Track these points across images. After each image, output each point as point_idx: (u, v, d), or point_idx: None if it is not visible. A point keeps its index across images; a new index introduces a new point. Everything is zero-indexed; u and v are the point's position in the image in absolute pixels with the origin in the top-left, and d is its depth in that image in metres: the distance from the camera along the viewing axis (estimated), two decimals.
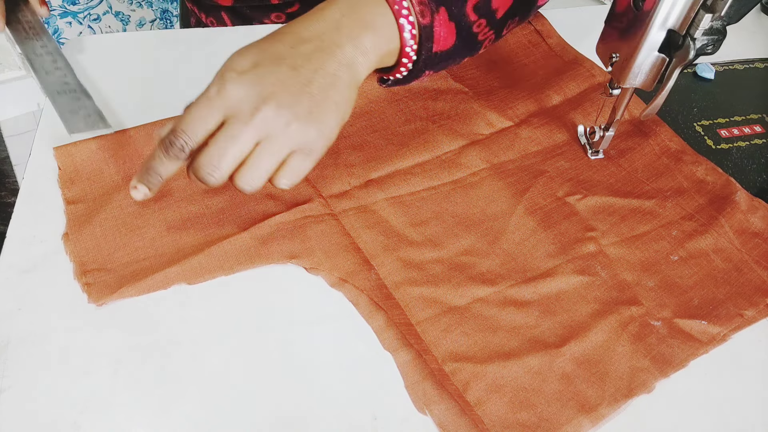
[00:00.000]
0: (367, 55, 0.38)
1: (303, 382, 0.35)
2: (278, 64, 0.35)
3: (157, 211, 0.42)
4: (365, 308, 0.39)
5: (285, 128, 0.34)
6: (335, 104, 0.36)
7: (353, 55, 0.37)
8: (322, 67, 0.36)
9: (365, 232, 0.42)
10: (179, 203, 0.43)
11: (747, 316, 0.40)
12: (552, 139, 0.51)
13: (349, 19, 0.37)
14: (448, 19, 0.40)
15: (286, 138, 0.35)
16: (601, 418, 0.35)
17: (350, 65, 0.37)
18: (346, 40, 0.37)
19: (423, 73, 0.42)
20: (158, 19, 0.90)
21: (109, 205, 0.42)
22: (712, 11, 0.37)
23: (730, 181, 0.48)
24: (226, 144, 0.34)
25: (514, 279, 0.41)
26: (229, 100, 0.34)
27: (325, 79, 0.36)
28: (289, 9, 0.67)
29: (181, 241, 0.41)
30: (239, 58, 0.35)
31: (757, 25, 0.70)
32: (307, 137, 0.35)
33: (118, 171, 0.44)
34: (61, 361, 0.35)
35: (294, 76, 0.35)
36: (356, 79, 0.37)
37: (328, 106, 0.36)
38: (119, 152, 0.45)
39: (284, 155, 0.35)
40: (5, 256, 0.39)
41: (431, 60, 0.41)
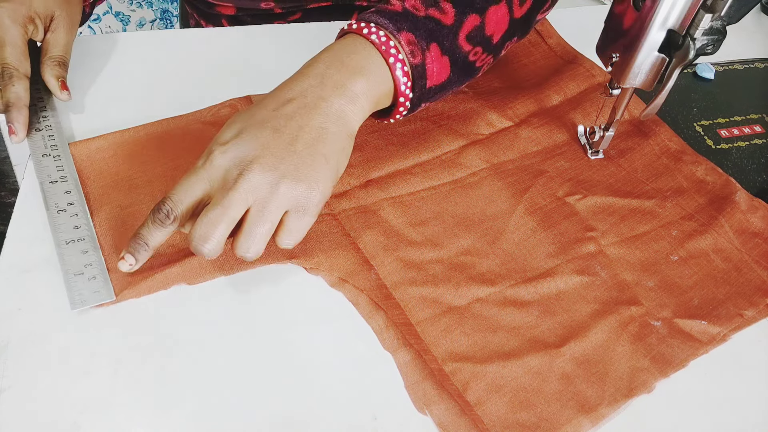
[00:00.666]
0: (357, 102, 0.37)
1: (303, 382, 0.35)
2: (261, 129, 0.35)
3: None
4: (365, 308, 0.39)
5: (273, 190, 0.34)
6: (324, 157, 0.36)
7: (341, 105, 0.37)
8: (306, 123, 0.36)
9: (365, 232, 0.43)
10: None
11: (747, 316, 0.40)
12: (552, 139, 0.51)
13: (334, 70, 0.37)
14: (441, 54, 0.40)
15: (275, 199, 0.34)
16: (601, 418, 0.35)
17: (339, 116, 0.37)
18: (331, 91, 0.37)
19: (419, 107, 0.42)
20: (158, 20, 0.90)
21: (108, 205, 0.42)
22: (712, 11, 0.37)
23: (730, 181, 0.48)
24: (215, 213, 0.34)
25: (513, 279, 0.41)
26: (214, 170, 0.35)
27: (310, 135, 0.36)
28: (291, 17, 0.67)
29: (180, 242, 0.41)
30: (225, 130, 0.36)
31: (757, 25, 0.70)
32: (297, 195, 0.35)
33: (118, 171, 0.44)
34: (61, 361, 0.35)
35: (276, 137, 0.35)
36: (348, 128, 0.37)
37: (316, 160, 0.35)
38: (118, 152, 0.45)
39: (278, 217, 0.35)
40: (5, 256, 0.39)
41: (427, 94, 0.41)
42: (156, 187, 0.44)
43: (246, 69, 0.55)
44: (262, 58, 0.56)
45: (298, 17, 0.67)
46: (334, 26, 0.60)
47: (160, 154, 0.46)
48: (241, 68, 0.55)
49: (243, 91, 0.51)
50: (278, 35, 0.59)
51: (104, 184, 0.43)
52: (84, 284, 0.37)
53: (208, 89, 0.51)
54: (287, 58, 0.56)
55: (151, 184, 0.44)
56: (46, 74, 0.46)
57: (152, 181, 0.44)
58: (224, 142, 0.35)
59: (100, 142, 0.46)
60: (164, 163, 0.45)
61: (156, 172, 0.45)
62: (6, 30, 0.43)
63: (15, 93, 0.42)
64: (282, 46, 0.58)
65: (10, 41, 0.43)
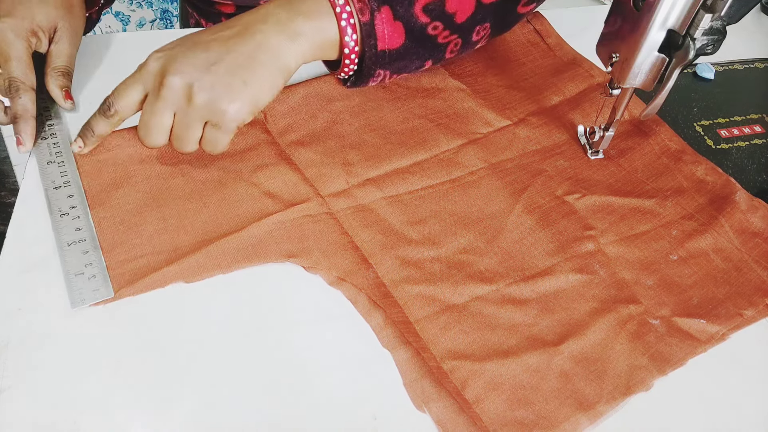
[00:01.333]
0: (296, 40, 0.40)
1: (303, 381, 0.35)
2: (193, 47, 0.39)
3: (154, 210, 0.42)
4: (363, 306, 0.39)
5: (188, 101, 0.38)
6: (243, 82, 0.38)
7: (279, 41, 0.39)
8: (235, 49, 0.39)
9: (363, 231, 0.43)
10: (176, 201, 0.43)
11: (746, 316, 0.40)
12: (551, 138, 0.51)
13: (281, 10, 0.40)
14: (393, 18, 0.41)
15: (192, 110, 0.38)
16: (599, 416, 0.35)
17: (274, 50, 0.39)
18: (273, 26, 0.39)
19: (376, 72, 0.43)
20: (158, 20, 0.90)
21: (106, 204, 0.42)
22: (712, 11, 0.37)
23: (730, 181, 0.48)
24: (146, 114, 0.39)
25: (512, 277, 0.41)
26: (145, 73, 0.39)
27: (236, 60, 0.38)
28: None
29: (178, 240, 0.41)
30: (168, 44, 0.40)
31: (757, 25, 0.70)
32: (211, 111, 0.38)
33: (116, 170, 0.44)
34: (61, 361, 0.35)
35: (202, 57, 0.38)
36: (281, 63, 0.40)
37: (233, 83, 0.38)
38: (116, 152, 0.46)
39: (198, 126, 0.39)
40: (5, 256, 0.39)
41: (380, 58, 0.42)
42: (155, 184, 0.44)
43: None
44: None
45: None
46: None
47: (159, 153, 0.46)
48: None
49: None
50: None
51: (101, 182, 0.43)
52: (84, 283, 0.38)
53: None
54: None
55: (149, 181, 0.44)
56: (51, 84, 0.47)
57: (150, 178, 0.44)
58: (160, 51, 0.40)
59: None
60: (164, 162, 0.45)
61: (155, 171, 0.45)
62: (10, 45, 0.44)
63: (22, 105, 0.43)
64: None
65: (15, 55, 0.44)
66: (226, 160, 0.46)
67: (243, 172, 0.45)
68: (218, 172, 0.45)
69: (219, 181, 0.45)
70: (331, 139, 0.49)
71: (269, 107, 0.50)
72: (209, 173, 0.45)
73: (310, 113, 0.50)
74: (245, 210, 0.43)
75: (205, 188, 0.44)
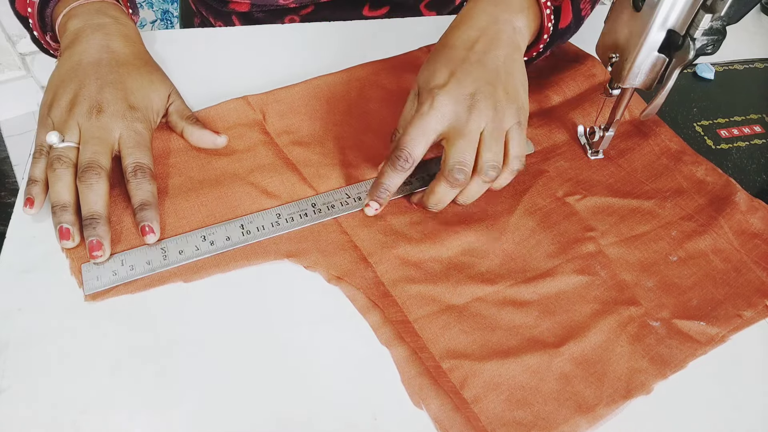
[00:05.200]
0: (521, 33, 0.44)
1: (303, 381, 0.35)
2: (468, 65, 0.42)
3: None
4: (362, 305, 0.39)
5: (495, 112, 0.41)
6: (520, 82, 0.43)
7: (514, 37, 0.44)
8: (499, 54, 0.42)
9: (363, 230, 0.43)
10: (174, 200, 0.43)
11: (746, 317, 0.40)
12: (552, 139, 0.51)
13: (499, 9, 0.44)
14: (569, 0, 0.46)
15: (498, 118, 0.41)
16: (599, 419, 0.35)
17: (516, 46, 0.43)
18: (504, 25, 0.43)
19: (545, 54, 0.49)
20: (159, 20, 0.90)
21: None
22: (712, 11, 0.37)
23: (730, 181, 0.48)
24: (463, 143, 0.40)
25: (513, 279, 0.41)
26: (443, 108, 0.40)
27: (505, 64, 0.42)
28: (304, 11, 0.67)
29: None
30: (435, 75, 0.42)
31: (757, 25, 0.70)
32: (512, 113, 0.41)
33: (116, 169, 0.44)
34: (61, 361, 0.35)
35: (484, 70, 0.41)
36: (522, 55, 0.44)
37: (515, 83, 0.42)
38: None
39: (503, 136, 0.41)
40: (5, 256, 0.39)
41: (556, 36, 0.47)
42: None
43: (245, 69, 0.55)
44: (261, 59, 0.56)
45: (311, 11, 0.67)
46: (333, 27, 0.60)
47: (156, 153, 0.46)
48: (240, 68, 0.55)
49: (242, 91, 0.51)
50: (277, 36, 0.59)
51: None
52: (98, 270, 0.38)
53: (208, 89, 0.51)
54: (286, 58, 0.56)
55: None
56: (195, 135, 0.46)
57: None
58: (442, 84, 0.41)
59: None
60: (161, 162, 0.45)
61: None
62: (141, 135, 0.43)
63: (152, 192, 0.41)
64: (281, 47, 0.58)
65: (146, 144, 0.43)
66: (224, 160, 0.46)
67: (241, 171, 0.45)
68: (216, 172, 0.45)
69: (217, 180, 0.45)
70: (329, 140, 0.49)
71: (268, 107, 0.50)
72: (207, 173, 0.45)
73: (308, 114, 0.50)
74: (243, 209, 0.43)
75: (203, 187, 0.44)
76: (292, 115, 0.50)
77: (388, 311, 0.38)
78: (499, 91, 0.41)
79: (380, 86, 0.53)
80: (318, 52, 0.57)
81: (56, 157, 0.40)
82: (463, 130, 0.40)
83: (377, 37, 0.60)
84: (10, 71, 1.55)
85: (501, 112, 0.41)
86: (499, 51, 0.42)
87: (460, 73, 0.41)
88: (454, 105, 0.40)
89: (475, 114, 0.40)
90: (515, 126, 0.41)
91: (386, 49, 0.57)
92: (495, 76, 0.41)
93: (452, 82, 0.41)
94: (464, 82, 0.41)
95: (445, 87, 0.40)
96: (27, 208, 0.40)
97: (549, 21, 0.46)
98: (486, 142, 0.40)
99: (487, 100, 0.40)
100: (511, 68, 0.42)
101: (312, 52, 0.57)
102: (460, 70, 0.41)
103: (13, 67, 1.55)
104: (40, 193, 0.41)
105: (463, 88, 0.40)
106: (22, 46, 1.51)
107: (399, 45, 0.57)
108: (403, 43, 0.58)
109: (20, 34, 1.49)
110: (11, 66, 1.55)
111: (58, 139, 0.40)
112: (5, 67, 1.54)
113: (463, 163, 0.40)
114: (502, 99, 0.41)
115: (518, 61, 0.43)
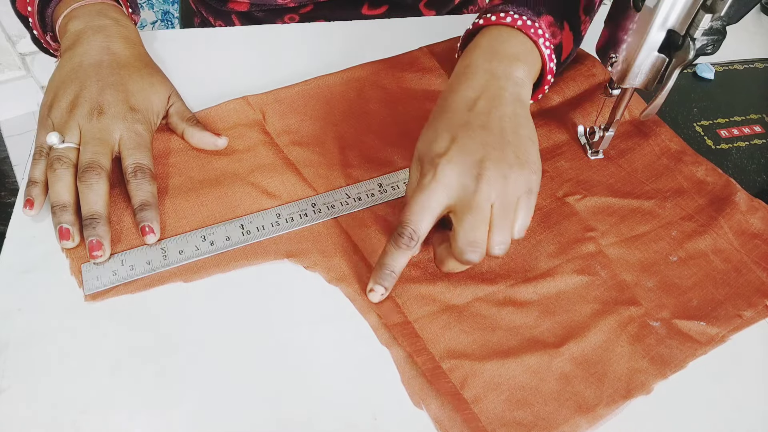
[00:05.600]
0: (524, 86, 0.41)
1: (303, 381, 0.35)
2: (471, 130, 0.37)
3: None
4: (362, 305, 0.39)
5: (506, 181, 0.36)
6: (529, 139, 0.38)
7: (516, 91, 0.40)
8: (503, 113, 0.38)
9: (363, 230, 0.43)
10: (174, 200, 0.43)
11: (746, 317, 0.40)
12: (552, 139, 0.51)
13: (496, 63, 0.41)
14: (569, 30, 0.45)
15: (509, 189, 0.36)
16: (599, 419, 0.35)
17: (519, 100, 0.40)
18: (504, 81, 0.40)
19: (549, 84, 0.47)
20: (159, 21, 0.90)
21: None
22: (712, 11, 0.37)
23: (730, 182, 0.48)
24: (472, 219, 0.36)
25: (513, 279, 0.41)
26: (447, 180, 0.36)
27: (510, 123, 0.38)
28: (303, 10, 0.67)
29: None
30: (436, 142, 0.37)
31: (757, 25, 0.70)
32: (524, 179, 0.37)
33: (116, 169, 0.44)
34: (61, 361, 0.35)
35: (490, 134, 0.37)
36: (527, 108, 0.40)
37: (525, 143, 0.38)
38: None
39: (514, 210, 0.37)
40: (5, 256, 0.39)
41: (560, 69, 0.46)
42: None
43: (245, 69, 0.55)
44: (261, 59, 0.56)
45: (310, 9, 0.67)
46: (333, 27, 0.60)
47: (155, 153, 0.46)
48: (240, 68, 0.55)
49: (242, 91, 0.51)
50: (277, 36, 0.59)
51: None
52: (98, 270, 0.38)
53: (208, 89, 0.51)
54: (286, 58, 0.56)
55: None
56: (195, 137, 0.46)
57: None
58: (443, 152, 0.37)
59: None
60: (161, 162, 0.45)
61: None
62: (141, 136, 0.43)
63: (151, 193, 0.41)
64: (281, 47, 0.58)
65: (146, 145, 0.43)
66: (224, 160, 0.46)
67: (241, 171, 0.45)
68: (216, 172, 0.45)
69: (217, 180, 0.45)
70: (329, 140, 0.49)
71: (268, 108, 0.50)
72: (207, 173, 0.45)
73: (308, 114, 0.50)
74: (243, 209, 0.43)
75: (203, 187, 0.44)
76: (292, 115, 0.50)
77: (388, 311, 0.38)
78: (509, 156, 0.37)
79: (380, 86, 0.53)
80: (318, 52, 0.57)
81: (56, 158, 0.40)
82: (472, 204, 0.36)
83: (377, 37, 0.60)
84: (10, 71, 1.55)
85: (511, 181, 0.36)
86: (502, 109, 0.38)
87: (463, 138, 0.37)
88: (459, 176, 0.36)
89: (485, 185, 0.35)
90: (524, 195, 0.37)
91: (386, 49, 0.57)
92: (502, 138, 0.37)
93: (455, 149, 0.37)
94: (469, 148, 0.36)
95: (448, 155, 0.36)
96: (26, 210, 0.40)
97: (551, 61, 0.43)
98: (496, 221, 0.36)
99: (497, 168, 0.36)
100: (517, 126, 0.38)
101: (312, 52, 0.57)
102: (462, 136, 0.37)
103: (13, 67, 1.55)
104: (40, 194, 0.41)
105: (469, 155, 0.36)
106: (22, 46, 1.51)
107: (399, 45, 0.57)
108: (403, 44, 0.58)
109: (20, 34, 1.49)
110: (11, 66, 1.55)
111: (59, 139, 0.40)
112: (5, 67, 1.54)
113: (476, 243, 0.36)
114: (513, 164, 0.36)
115: (524, 116, 0.39)
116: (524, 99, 0.40)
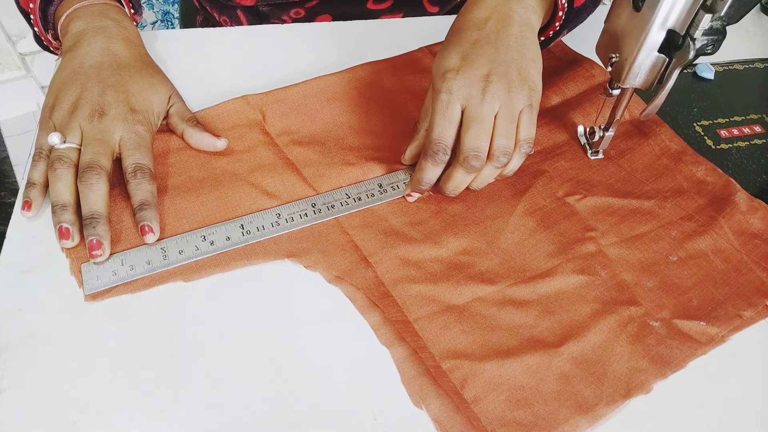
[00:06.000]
0: (534, 10, 0.44)
1: (303, 381, 0.35)
2: (480, 47, 0.41)
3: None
4: (362, 305, 0.39)
5: (508, 94, 0.40)
6: (532, 60, 0.42)
7: (526, 15, 0.43)
8: (510, 33, 0.42)
9: (363, 230, 0.43)
10: (173, 200, 0.43)
11: (746, 317, 0.40)
12: (552, 139, 0.51)
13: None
14: None
15: (511, 102, 0.40)
16: (599, 419, 0.35)
17: (528, 23, 0.43)
18: (516, 4, 0.43)
19: (563, 33, 0.49)
20: (159, 21, 0.90)
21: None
22: (712, 11, 0.37)
23: (730, 182, 0.48)
24: (477, 129, 0.40)
25: (513, 279, 0.41)
26: (458, 91, 0.40)
27: (517, 42, 0.42)
28: (309, 4, 0.67)
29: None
30: (447, 60, 0.42)
31: (757, 25, 0.70)
32: (525, 93, 0.41)
33: (116, 169, 0.44)
34: (61, 361, 0.35)
35: (496, 50, 0.41)
36: (535, 33, 0.44)
37: (527, 63, 0.42)
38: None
39: (516, 120, 0.41)
40: (5, 256, 0.39)
41: (572, 15, 0.47)
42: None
43: (245, 69, 0.55)
44: (261, 59, 0.56)
45: (316, 3, 0.67)
46: (333, 27, 0.60)
47: (156, 153, 0.46)
48: (240, 68, 0.55)
49: (242, 91, 0.51)
50: (278, 35, 0.59)
51: None
52: (98, 270, 0.38)
53: (208, 89, 0.51)
54: (286, 58, 0.56)
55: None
56: (195, 138, 0.46)
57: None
58: (454, 67, 0.41)
59: None
60: (161, 161, 0.45)
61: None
62: (141, 137, 0.43)
63: (151, 192, 0.41)
64: (282, 47, 0.58)
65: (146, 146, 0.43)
66: (224, 160, 0.46)
67: (241, 171, 0.45)
68: (216, 172, 0.45)
69: (217, 180, 0.45)
70: (329, 140, 0.49)
71: (267, 108, 0.50)
72: (207, 172, 0.45)
73: (308, 114, 0.50)
74: (243, 209, 0.43)
75: (203, 187, 0.44)
76: (292, 115, 0.50)
77: (389, 311, 0.38)
78: (512, 72, 0.41)
79: (380, 86, 0.53)
80: (318, 52, 0.57)
81: (57, 157, 0.40)
82: (478, 115, 0.40)
83: (377, 37, 0.60)
84: (10, 71, 1.55)
85: (514, 94, 0.40)
86: (510, 29, 0.42)
87: (473, 54, 0.41)
88: (468, 87, 0.40)
89: (489, 97, 0.40)
90: (526, 108, 0.41)
91: (387, 49, 0.57)
92: (507, 56, 0.41)
93: (465, 64, 0.41)
94: (477, 63, 0.40)
95: (459, 70, 0.40)
96: (25, 211, 0.40)
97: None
98: (499, 127, 0.40)
99: (501, 81, 0.40)
100: (523, 46, 0.42)
101: (312, 51, 0.57)
102: (472, 52, 0.41)
103: (13, 67, 1.55)
104: (39, 196, 0.41)
105: (477, 69, 0.40)
106: (22, 46, 1.51)
107: (400, 45, 0.57)
108: (403, 44, 0.58)
109: (20, 34, 1.49)
110: (11, 66, 1.55)
111: (60, 139, 0.40)
112: (5, 67, 1.54)
113: (479, 149, 0.40)
114: (515, 80, 0.40)
115: (530, 38, 0.43)
116: (533, 24, 0.44)
